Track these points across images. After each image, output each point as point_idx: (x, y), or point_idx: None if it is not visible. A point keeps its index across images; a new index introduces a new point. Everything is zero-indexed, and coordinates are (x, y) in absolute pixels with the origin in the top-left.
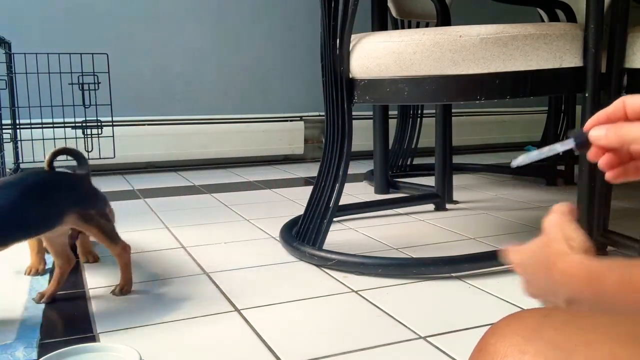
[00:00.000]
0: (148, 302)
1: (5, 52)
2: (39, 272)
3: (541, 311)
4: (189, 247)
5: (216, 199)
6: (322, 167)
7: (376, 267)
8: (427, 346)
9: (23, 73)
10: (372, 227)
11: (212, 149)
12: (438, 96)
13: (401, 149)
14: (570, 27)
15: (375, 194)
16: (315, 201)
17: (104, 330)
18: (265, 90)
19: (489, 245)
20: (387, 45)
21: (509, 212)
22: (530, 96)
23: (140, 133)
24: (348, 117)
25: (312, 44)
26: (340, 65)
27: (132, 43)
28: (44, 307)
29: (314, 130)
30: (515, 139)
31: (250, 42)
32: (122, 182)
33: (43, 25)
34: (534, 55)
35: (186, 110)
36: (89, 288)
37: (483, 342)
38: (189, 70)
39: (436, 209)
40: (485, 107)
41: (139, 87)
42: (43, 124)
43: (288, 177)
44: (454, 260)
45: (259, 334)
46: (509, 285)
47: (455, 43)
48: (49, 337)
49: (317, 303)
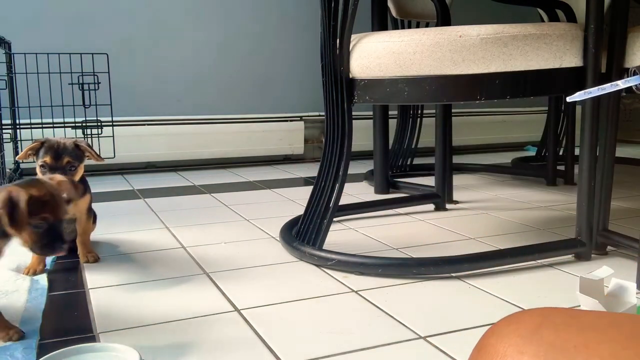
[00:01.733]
0: (148, 302)
1: (5, 52)
2: (37, 272)
3: (541, 311)
4: (189, 247)
5: (216, 199)
6: (322, 167)
7: (376, 267)
8: (427, 346)
9: (23, 73)
10: (372, 227)
11: (212, 149)
12: (438, 96)
13: (401, 149)
14: (570, 27)
15: (375, 194)
16: (315, 201)
17: (104, 330)
18: (265, 90)
19: (489, 245)
20: (387, 45)
21: (509, 212)
22: (531, 96)
23: (140, 133)
24: (348, 117)
25: (312, 44)
26: (340, 65)
27: (132, 43)
28: (44, 307)
29: (314, 130)
30: (515, 139)
31: (250, 42)
32: (122, 182)
33: (43, 25)
34: (534, 55)
35: (186, 110)
36: (89, 288)
37: (483, 342)
38: (189, 70)
39: (436, 209)
40: (485, 107)
41: (139, 87)
42: (43, 124)
43: (288, 177)
44: (454, 260)
45: (259, 333)
46: (509, 285)
47: (455, 43)
48: (49, 338)
49: (317, 303)
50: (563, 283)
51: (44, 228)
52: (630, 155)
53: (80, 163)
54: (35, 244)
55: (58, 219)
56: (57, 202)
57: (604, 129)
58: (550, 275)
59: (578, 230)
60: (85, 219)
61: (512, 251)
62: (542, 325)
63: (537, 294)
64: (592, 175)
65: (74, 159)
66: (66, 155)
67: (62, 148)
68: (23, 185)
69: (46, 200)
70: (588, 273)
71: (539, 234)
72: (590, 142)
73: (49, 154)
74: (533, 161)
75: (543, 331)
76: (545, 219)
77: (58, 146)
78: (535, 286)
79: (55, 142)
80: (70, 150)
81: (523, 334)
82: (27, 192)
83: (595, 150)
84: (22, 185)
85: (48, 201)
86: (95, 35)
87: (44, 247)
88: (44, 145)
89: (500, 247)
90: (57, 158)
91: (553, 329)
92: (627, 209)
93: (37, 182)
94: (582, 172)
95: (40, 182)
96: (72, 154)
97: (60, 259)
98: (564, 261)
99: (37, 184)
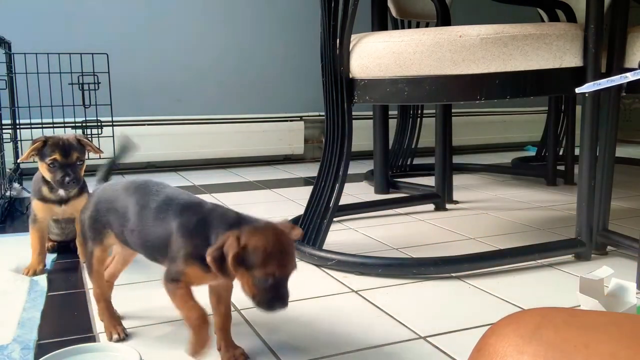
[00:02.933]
0: (148, 302)
1: (5, 52)
2: (37, 272)
3: (541, 311)
4: None
5: (216, 199)
6: (322, 167)
7: (376, 267)
8: (427, 346)
9: (23, 73)
10: (372, 227)
11: (212, 149)
12: (438, 96)
13: (401, 149)
14: (570, 27)
15: (375, 194)
16: (315, 201)
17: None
18: (265, 90)
19: (489, 245)
20: (387, 45)
21: (509, 212)
22: (530, 96)
23: (140, 133)
24: (348, 117)
25: (312, 44)
26: (340, 65)
27: (132, 43)
28: (43, 307)
29: (314, 130)
30: (515, 139)
31: (250, 42)
32: None
33: (43, 25)
34: (534, 55)
35: (186, 110)
36: (89, 288)
37: (482, 342)
38: (189, 70)
39: (436, 209)
40: (485, 107)
41: (139, 87)
42: (43, 124)
43: (288, 177)
44: (454, 260)
45: (259, 333)
46: (509, 285)
47: (455, 43)
48: (48, 338)
49: (317, 303)
50: (563, 283)
51: (269, 284)
52: (630, 155)
53: (85, 157)
54: (254, 297)
55: (284, 275)
56: (286, 255)
57: (604, 129)
58: (550, 275)
59: (578, 230)
60: None
61: (512, 251)
62: (541, 325)
63: (537, 294)
64: (592, 175)
65: (80, 153)
66: (74, 151)
67: (69, 144)
68: (251, 230)
69: (273, 253)
70: (588, 273)
71: (539, 234)
72: (590, 142)
73: (58, 151)
74: (533, 161)
75: (543, 331)
76: (545, 219)
77: (64, 143)
78: (535, 286)
79: (59, 138)
80: (76, 146)
81: (523, 333)
82: (252, 240)
83: (595, 150)
84: (250, 231)
85: (275, 254)
86: (95, 35)
87: (261, 302)
88: (48, 144)
89: (500, 247)
90: (66, 155)
91: (553, 329)
92: (627, 209)
93: (267, 229)
94: (582, 172)
95: (271, 229)
96: (79, 149)
97: (60, 259)
98: (564, 261)
99: (265, 231)
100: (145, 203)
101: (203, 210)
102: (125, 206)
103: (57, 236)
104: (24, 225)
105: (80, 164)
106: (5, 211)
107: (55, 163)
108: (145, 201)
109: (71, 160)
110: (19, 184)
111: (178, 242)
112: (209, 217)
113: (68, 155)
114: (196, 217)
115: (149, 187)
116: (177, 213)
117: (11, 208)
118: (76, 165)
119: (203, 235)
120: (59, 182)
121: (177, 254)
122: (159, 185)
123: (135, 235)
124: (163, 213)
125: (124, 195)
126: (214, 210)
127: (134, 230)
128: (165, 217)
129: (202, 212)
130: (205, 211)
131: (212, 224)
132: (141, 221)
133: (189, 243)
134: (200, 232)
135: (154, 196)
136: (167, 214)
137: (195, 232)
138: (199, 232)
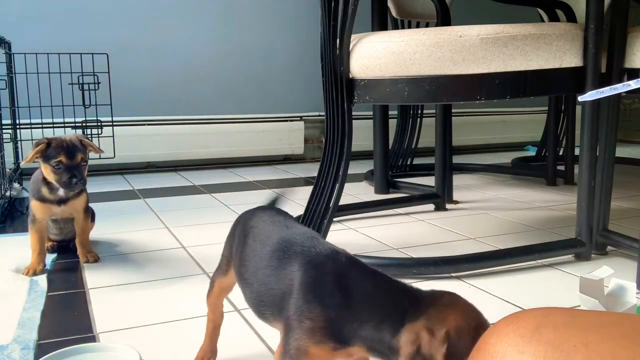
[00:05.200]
0: (148, 302)
1: (5, 52)
2: (37, 272)
3: (541, 311)
4: (189, 247)
5: (216, 199)
6: (322, 167)
7: (376, 267)
8: None
9: (23, 73)
10: (372, 227)
11: (212, 149)
12: (438, 96)
13: (401, 149)
14: (570, 27)
15: (375, 194)
16: (315, 201)
17: (104, 330)
18: (265, 90)
19: (489, 245)
20: (387, 45)
21: (509, 212)
22: (530, 96)
23: (140, 133)
24: (348, 117)
25: (312, 44)
26: (340, 65)
27: (132, 43)
28: (43, 307)
29: (314, 130)
30: (515, 139)
31: (250, 42)
32: (122, 182)
33: (43, 25)
34: (534, 55)
35: (186, 110)
36: (89, 288)
37: (482, 341)
38: (189, 70)
39: (436, 209)
40: (485, 107)
41: (139, 87)
42: (43, 124)
43: (288, 177)
44: (454, 260)
45: (259, 333)
46: (509, 285)
47: (455, 43)
48: (48, 338)
49: None
50: (563, 283)
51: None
52: (630, 155)
53: (88, 158)
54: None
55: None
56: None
57: (604, 129)
58: (550, 275)
59: (578, 230)
60: (82, 218)
61: (512, 251)
62: (541, 325)
63: (537, 294)
64: (592, 175)
65: (84, 154)
66: (78, 152)
67: (73, 145)
68: (443, 314)
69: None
70: (588, 273)
71: (539, 234)
72: (590, 142)
73: (63, 153)
74: (533, 161)
75: (542, 331)
76: (545, 219)
77: (68, 144)
78: (535, 286)
79: (63, 140)
80: (80, 147)
81: (523, 333)
82: (451, 328)
83: (595, 150)
84: (446, 315)
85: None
86: (95, 35)
87: None
88: (52, 145)
89: (500, 247)
90: (71, 156)
91: (552, 329)
92: (627, 209)
93: (459, 308)
94: (582, 172)
95: (465, 310)
96: (82, 150)
97: (60, 259)
98: (564, 261)
99: (462, 312)
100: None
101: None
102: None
103: (56, 236)
104: (24, 225)
105: (84, 165)
106: (5, 211)
107: (60, 165)
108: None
109: (76, 162)
110: (19, 184)
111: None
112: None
113: (73, 157)
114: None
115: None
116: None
117: (11, 208)
118: (81, 166)
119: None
120: (66, 183)
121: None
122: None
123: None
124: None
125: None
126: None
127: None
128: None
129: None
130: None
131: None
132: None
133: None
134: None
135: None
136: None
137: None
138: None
